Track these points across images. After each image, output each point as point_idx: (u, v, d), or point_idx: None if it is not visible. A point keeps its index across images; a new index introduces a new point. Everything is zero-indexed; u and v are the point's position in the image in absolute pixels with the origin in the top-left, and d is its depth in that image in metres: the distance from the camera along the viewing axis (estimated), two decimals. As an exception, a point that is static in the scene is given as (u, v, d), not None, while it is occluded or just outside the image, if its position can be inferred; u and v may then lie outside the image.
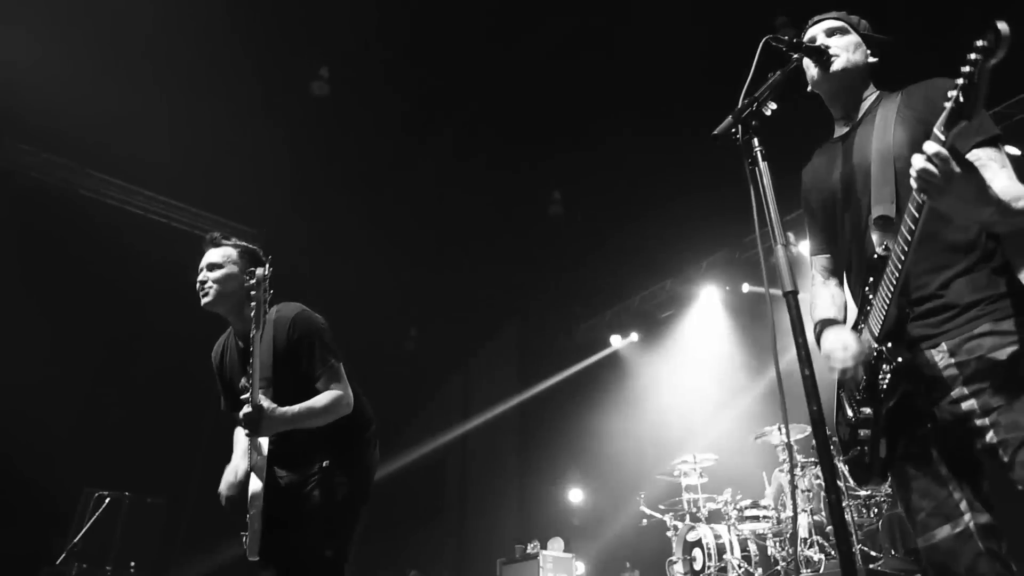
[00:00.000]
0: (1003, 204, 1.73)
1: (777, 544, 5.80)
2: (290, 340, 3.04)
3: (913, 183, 1.64)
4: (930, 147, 1.59)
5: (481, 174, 8.96)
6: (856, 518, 5.48)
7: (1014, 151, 7.44)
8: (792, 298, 1.52)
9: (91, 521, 5.98)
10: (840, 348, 1.97)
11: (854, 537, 5.30)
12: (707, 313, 9.62)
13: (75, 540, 5.81)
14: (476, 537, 10.93)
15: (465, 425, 12.57)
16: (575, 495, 9.83)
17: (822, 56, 2.09)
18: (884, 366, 1.88)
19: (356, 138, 8.52)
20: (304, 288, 9.57)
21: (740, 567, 5.65)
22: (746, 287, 8.78)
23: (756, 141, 1.68)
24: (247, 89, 7.71)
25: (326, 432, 2.95)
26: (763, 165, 1.65)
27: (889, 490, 5.21)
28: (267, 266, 2.99)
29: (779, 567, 5.66)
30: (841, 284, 2.21)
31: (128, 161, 8.02)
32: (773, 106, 1.75)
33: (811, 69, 2.18)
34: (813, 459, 5.96)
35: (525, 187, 9.33)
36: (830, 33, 2.21)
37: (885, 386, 1.87)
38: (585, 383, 10.63)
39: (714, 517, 6.23)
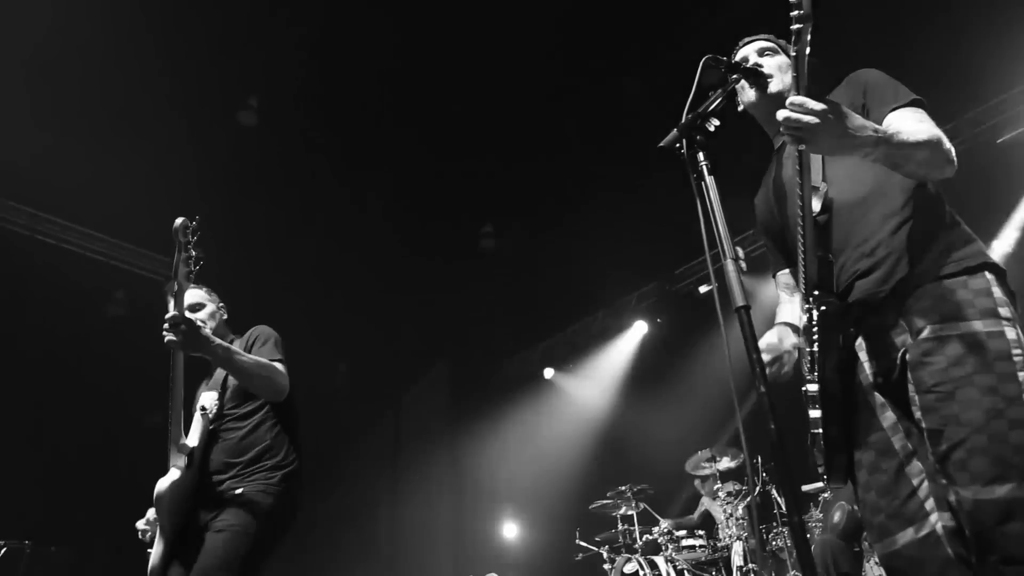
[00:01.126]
0: (886, 134, 1.72)
1: (714, 572, 5.80)
2: (247, 341, 3.23)
3: (786, 138, 1.70)
4: (791, 99, 1.66)
5: (410, 208, 8.90)
6: (787, 543, 5.52)
7: None
8: (744, 313, 1.48)
9: (-9, 574, 5.55)
10: (763, 344, 1.98)
11: (788, 562, 5.33)
12: (640, 343, 9.70)
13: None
14: (409, 577, 10.65)
15: (396, 462, 12.30)
16: (510, 530, 9.68)
17: (759, 78, 2.10)
18: (814, 315, 1.82)
19: (282, 171, 8.37)
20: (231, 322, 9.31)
21: (677, 598, 5.62)
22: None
23: (702, 155, 1.66)
24: (173, 122, 7.51)
25: (255, 459, 2.91)
26: (709, 179, 1.63)
27: (820, 515, 5.26)
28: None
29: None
30: None
31: (61, 198, 7.76)
32: (716, 123, 1.74)
33: (746, 91, 2.18)
34: (745, 487, 6.01)
35: (455, 220, 9.30)
36: (761, 53, 2.23)
37: (816, 340, 1.81)
38: (518, 416, 10.55)
39: (650, 548, 6.19)
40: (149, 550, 3.12)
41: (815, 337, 1.82)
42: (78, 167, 7.31)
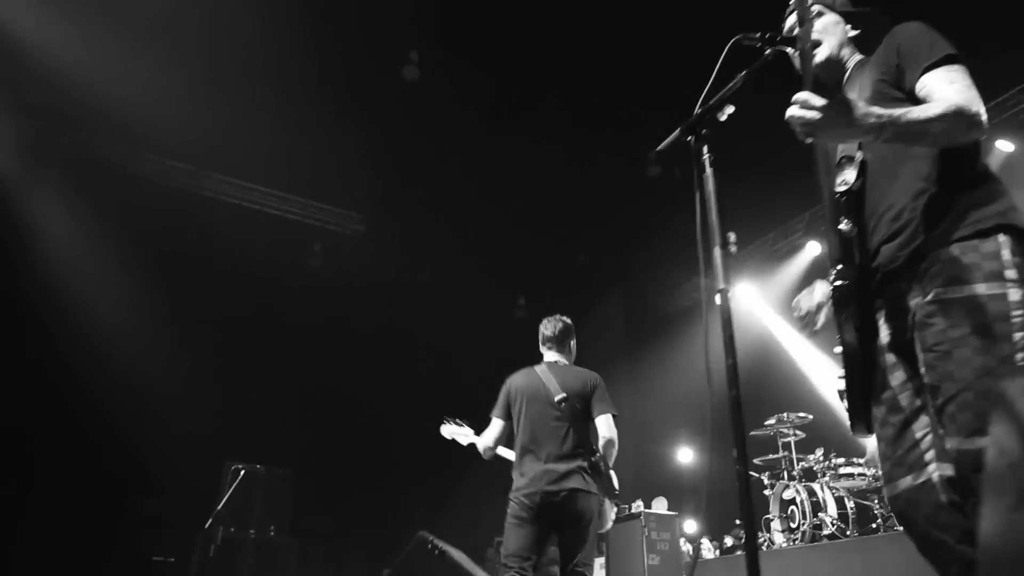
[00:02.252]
0: (891, 118, 1.78)
1: (877, 501, 5.78)
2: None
3: (797, 132, 1.80)
4: (795, 97, 1.76)
5: (578, 141, 9.05)
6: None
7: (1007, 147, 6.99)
8: (723, 295, 1.68)
9: (231, 491, 6.72)
10: (799, 299, 2.19)
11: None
12: (813, 266, 9.42)
13: (218, 508, 6.56)
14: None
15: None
16: (684, 455, 9.94)
17: (813, 46, 2.15)
18: (836, 284, 1.96)
19: (448, 117, 8.81)
20: (412, 267, 10.12)
21: (834, 524, 5.67)
22: None
23: (705, 148, 1.82)
24: (339, 82, 8.17)
25: None
26: (709, 171, 1.79)
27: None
28: None
29: (875, 524, 5.65)
30: None
31: (240, 161, 8.74)
32: (731, 110, 1.86)
33: (796, 60, 2.24)
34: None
35: (623, 147, 9.32)
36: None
37: (836, 308, 1.97)
38: (691, 342, 10.64)
39: (808, 475, 6.25)
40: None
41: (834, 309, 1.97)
42: (266, 137, 8.21)
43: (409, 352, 10.03)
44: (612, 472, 4.16)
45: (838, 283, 1.96)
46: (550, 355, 4.33)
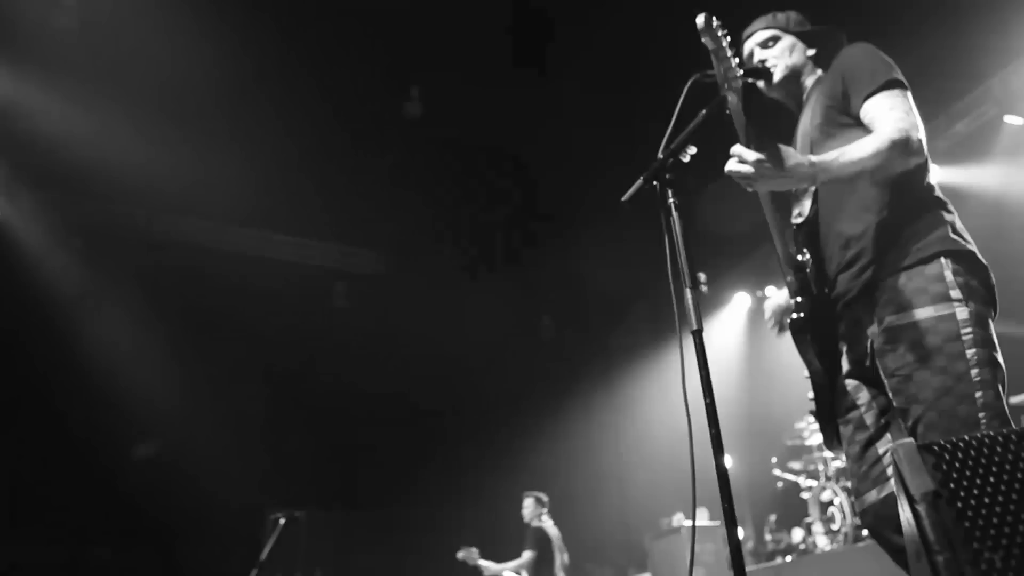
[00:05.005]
0: (823, 164, 1.87)
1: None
2: None
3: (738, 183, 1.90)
4: (734, 150, 1.86)
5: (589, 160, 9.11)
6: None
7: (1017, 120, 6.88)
8: (697, 336, 1.72)
9: (273, 541, 6.82)
10: (768, 304, 2.28)
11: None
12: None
13: (261, 558, 6.67)
14: (630, 515, 11.21)
15: (612, 401, 12.85)
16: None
17: (762, 74, 2.22)
18: (792, 318, 2.04)
19: (459, 149, 8.93)
20: (432, 294, 10.22)
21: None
22: None
23: (670, 192, 1.88)
24: (351, 123, 8.32)
25: None
26: (675, 215, 1.84)
27: None
28: None
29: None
30: None
31: (256, 210, 8.92)
32: (693, 151, 1.92)
33: (759, 82, 2.30)
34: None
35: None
36: (764, 45, 2.31)
37: (795, 338, 2.06)
38: (725, 346, 10.59)
39: (844, 475, 6.19)
40: None
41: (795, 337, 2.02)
42: (280, 184, 8.38)
43: (440, 382, 10.11)
44: None
45: (794, 316, 2.04)
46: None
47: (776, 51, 2.28)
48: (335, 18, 7.36)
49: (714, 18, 1.91)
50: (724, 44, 1.91)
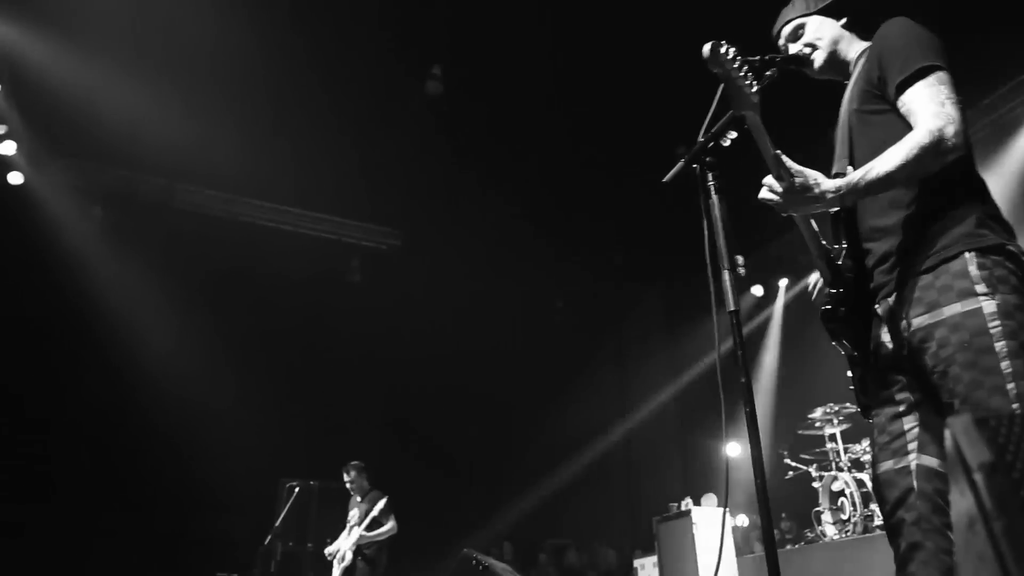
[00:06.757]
0: (850, 186, 1.89)
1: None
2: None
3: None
4: (764, 181, 1.94)
5: (608, 143, 9.09)
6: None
7: None
8: (734, 316, 1.75)
9: (287, 508, 6.93)
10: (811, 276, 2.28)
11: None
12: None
13: (276, 525, 6.78)
14: (641, 497, 11.29)
15: (624, 389, 12.90)
16: (733, 449, 9.89)
17: (802, 62, 2.21)
18: (825, 308, 2.10)
19: (482, 124, 8.89)
20: (449, 278, 10.27)
21: (885, 514, 5.63)
22: None
23: (710, 175, 1.89)
24: (367, 99, 8.32)
25: None
26: (715, 198, 1.86)
27: None
28: None
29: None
30: None
31: (274, 184, 8.97)
32: (733, 135, 1.93)
33: (805, 71, 2.29)
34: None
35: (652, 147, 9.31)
36: (793, 37, 2.29)
37: (827, 325, 2.13)
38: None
39: (856, 466, 6.21)
40: None
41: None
42: (296, 159, 8.42)
43: (453, 360, 10.17)
44: None
45: (826, 307, 2.09)
46: None
47: (808, 36, 2.25)
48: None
49: (723, 44, 1.79)
50: (734, 67, 1.80)
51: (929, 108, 1.88)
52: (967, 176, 1.98)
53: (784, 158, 1.90)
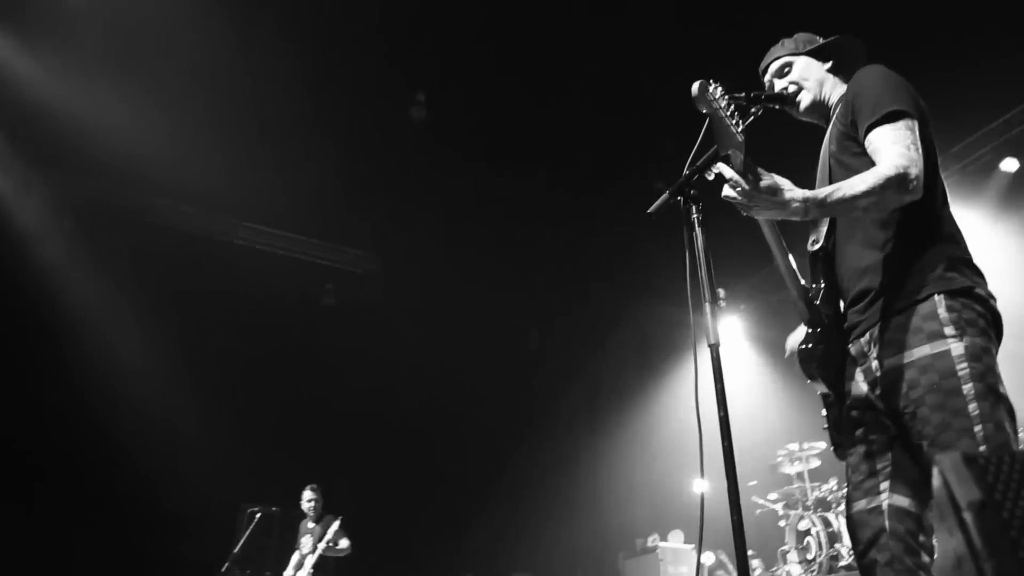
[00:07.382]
0: (815, 200, 1.90)
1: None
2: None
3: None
4: (730, 175, 1.88)
5: (587, 175, 9.15)
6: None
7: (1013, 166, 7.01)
8: (715, 350, 1.75)
9: (247, 534, 6.78)
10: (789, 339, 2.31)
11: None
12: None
13: (235, 551, 6.62)
14: (605, 533, 11.21)
15: (593, 420, 12.86)
16: (700, 486, 9.88)
17: (786, 101, 2.26)
18: (801, 348, 2.14)
19: (457, 154, 8.93)
20: (424, 304, 10.21)
21: (851, 555, 5.65)
22: None
23: (694, 208, 1.91)
24: (348, 121, 8.31)
25: None
26: (699, 230, 1.88)
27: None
28: None
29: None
30: None
31: (252, 204, 8.89)
32: (719, 169, 1.95)
33: (790, 112, 2.34)
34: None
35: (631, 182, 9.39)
36: (779, 74, 2.34)
37: (803, 366, 2.16)
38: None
39: (822, 505, 6.24)
40: None
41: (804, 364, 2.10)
42: (276, 179, 8.37)
43: (424, 388, 10.09)
44: None
45: (803, 346, 2.12)
46: None
47: (793, 75, 2.30)
48: (340, 21, 7.37)
49: (711, 82, 1.83)
50: (721, 106, 1.84)
51: (895, 148, 1.93)
52: (939, 220, 2.03)
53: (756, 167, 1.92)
